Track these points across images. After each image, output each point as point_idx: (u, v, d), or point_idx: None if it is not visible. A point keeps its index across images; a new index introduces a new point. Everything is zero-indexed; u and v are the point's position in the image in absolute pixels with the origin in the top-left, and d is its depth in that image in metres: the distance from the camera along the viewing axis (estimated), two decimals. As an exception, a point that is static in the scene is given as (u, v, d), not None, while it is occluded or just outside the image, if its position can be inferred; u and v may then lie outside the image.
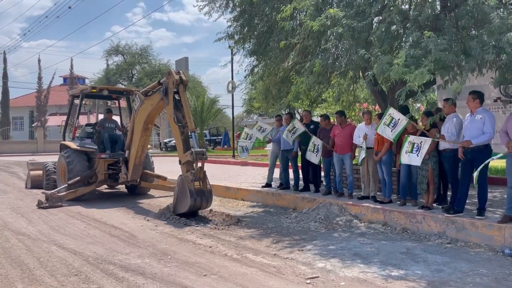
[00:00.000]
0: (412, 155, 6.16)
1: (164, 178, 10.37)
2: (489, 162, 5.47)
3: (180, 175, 7.35)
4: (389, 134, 6.59)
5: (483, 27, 5.09)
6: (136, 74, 38.64)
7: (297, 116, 23.55)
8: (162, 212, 7.53)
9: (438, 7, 6.49)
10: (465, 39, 5.29)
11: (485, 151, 5.66)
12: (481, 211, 5.70)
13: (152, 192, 10.53)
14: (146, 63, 38.18)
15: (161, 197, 9.93)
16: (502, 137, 5.50)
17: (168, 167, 15.49)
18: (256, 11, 8.47)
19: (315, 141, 8.11)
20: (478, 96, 5.80)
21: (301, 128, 8.40)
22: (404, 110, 6.92)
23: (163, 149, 31.97)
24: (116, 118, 11.27)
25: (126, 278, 4.37)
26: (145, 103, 8.37)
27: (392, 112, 6.35)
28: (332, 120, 9.56)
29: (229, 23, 9.32)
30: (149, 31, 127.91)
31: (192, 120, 7.55)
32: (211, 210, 7.79)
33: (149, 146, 10.95)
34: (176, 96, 7.59)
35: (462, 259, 4.86)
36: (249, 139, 9.65)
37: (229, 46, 10.83)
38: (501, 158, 5.60)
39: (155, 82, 8.23)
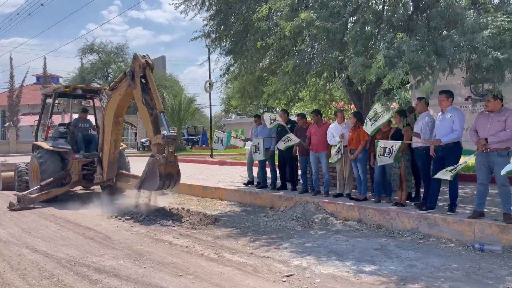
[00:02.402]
0: (384, 158, 6.39)
1: (141, 179, 10.22)
2: (465, 162, 5.62)
3: (152, 156, 7.49)
4: (369, 128, 6.64)
5: (455, 27, 5.22)
6: (111, 73, 38.07)
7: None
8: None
9: (411, 8, 6.62)
10: (437, 40, 5.41)
11: (456, 148, 5.82)
12: (452, 207, 5.86)
13: (128, 192, 10.36)
14: (122, 61, 37.68)
15: (138, 197, 9.77)
16: (472, 136, 5.66)
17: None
18: (232, 10, 8.45)
19: (291, 136, 8.14)
20: (448, 95, 5.96)
21: (280, 121, 8.45)
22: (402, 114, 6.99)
23: (140, 148, 31.56)
24: (91, 117, 11.06)
25: (100, 280, 4.30)
26: (113, 96, 8.35)
27: (377, 106, 6.41)
28: (309, 119, 9.64)
29: (205, 22, 9.26)
30: (125, 29, 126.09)
31: (160, 101, 7.63)
32: (188, 210, 7.76)
33: (125, 145, 10.82)
34: (143, 80, 7.70)
35: (434, 254, 4.98)
36: (220, 142, 9.67)
37: (206, 45, 10.78)
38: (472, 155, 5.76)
39: (121, 74, 8.24)
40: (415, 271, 4.38)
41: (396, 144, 6.24)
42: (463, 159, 5.91)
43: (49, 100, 10.54)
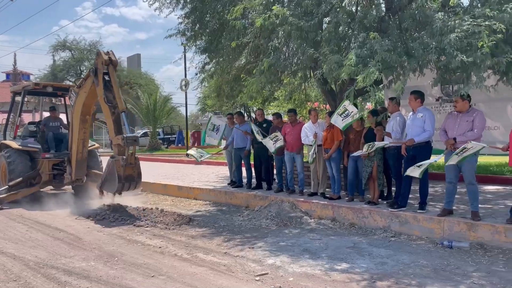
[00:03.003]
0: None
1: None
2: (435, 160, 5.74)
3: (112, 157, 7.37)
4: (340, 123, 6.69)
5: (425, 29, 5.34)
6: (84, 71, 37.25)
7: (252, 114, 23.64)
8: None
9: (384, 9, 6.73)
10: (408, 41, 5.52)
11: (426, 148, 5.95)
12: (422, 205, 6.00)
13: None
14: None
15: (110, 197, 9.60)
16: (441, 135, 5.80)
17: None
18: (207, 9, 8.38)
19: (279, 135, 8.11)
20: (419, 95, 6.10)
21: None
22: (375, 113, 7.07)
23: (114, 148, 30.97)
24: (63, 116, 10.79)
25: (69, 282, 4.20)
26: (80, 94, 8.20)
27: (347, 104, 6.47)
28: (285, 119, 9.68)
29: (180, 20, 9.17)
30: (99, 26, 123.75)
31: (122, 100, 7.45)
32: (162, 210, 7.67)
33: (97, 145, 10.62)
34: (106, 77, 7.55)
35: (405, 251, 5.08)
36: (216, 131, 9.42)
37: (182, 43, 10.67)
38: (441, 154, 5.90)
39: (88, 71, 8.10)
40: (385, 268, 4.46)
41: (379, 144, 6.30)
42: (433, 158, 6.05)
43: (18, 98, 10.23)
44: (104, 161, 10.36)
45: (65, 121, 10.46)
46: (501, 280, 4.04)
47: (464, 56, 4.54)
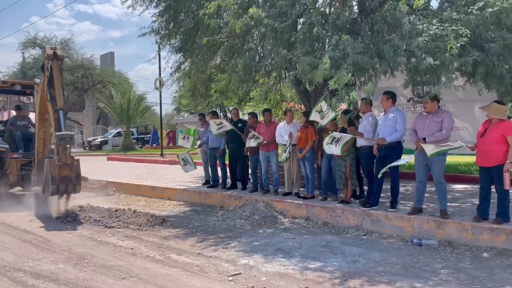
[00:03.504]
0: (332, 145, 6.39)
1: (85, 179, 9.82)
2: (407, 162, 5.86)
3: (49, 157, 7.11)
4: (317, 117, 6.74)
5: (395, 31, 5.45)
6: (56, 69, 36.33)
7: (228, 114, 23.53)
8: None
9: (357, 11, 6.83)
10: (379, 43, 5.61)
11: (397, 147, 6.07)
12: (393, 204, 6.12)
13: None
14: (67, 57, 35.94)
15: (81, 198, 9.38)
16: (412, 135, 5.93)
17: (92, 167, 14.77)
18: (181, 7, 8.31)
19: (256, 134, 8.12)
20: (391, 96, 6.22)
21: (228, 126, 8.34)
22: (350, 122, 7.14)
23: (87, 148, 30.41)
24: (33, 115, 10.49)
25: (37, 285, 4.08)
26: (39, 92, 7.97)
27: (323, 104, 6.52)
28: (260, 119, 9.70)
29: (154, 18, 9.05)
30: (72, 23, 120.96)
31: (61, 97, 7.16)
32: (135, 211, 7.55)
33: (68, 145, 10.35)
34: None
35: (376, 249, 5.16)
36: (187, 139, 9.18)
37: (156, 42, 10.54)
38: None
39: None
40: (357, 266, 4.53)
41: (346, 137, 6.36)
42: (404, 158, 6.17)
43: (-15, 96, 9.90)
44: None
45: (34, 120, 10.17)
46: (468, 277, 4.16)
47: (431, 59, 4.65)
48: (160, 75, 19.57)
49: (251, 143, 8.09)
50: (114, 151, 26.19)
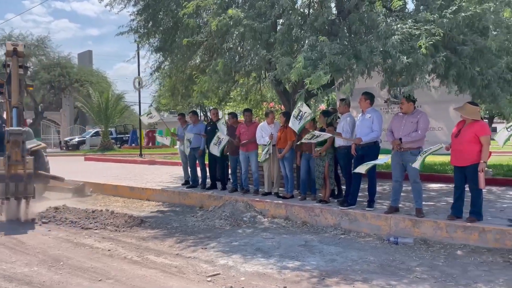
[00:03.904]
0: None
1: (61, 179, 9.66)
2: (384, 162, 5.95)
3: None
4: (296, 126, 6.79)
5: (372, 32, 5.53)
6: (31, 67, 35.53)
7: (208, 114, 23.40)
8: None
9: (335, 13, 6.89)
10: (356, 44, 5.69)
11: (374, 148, 6.17)
12: (370, 203, 6.21)
13: (47, 194, 9.73)
14: (44, 55, 35.23)
15: (57, 199, 9.20)
16: (388, 136, 6.04)
17: (69, 167, 14.52)
18: (160, 6, 8.23)
19: (220, 135, 8.14)
20: (369, 97, 6.31)
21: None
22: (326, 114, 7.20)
23: (64, 148, 29.82)
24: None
25: (10, 289, 3.99)
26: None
27: (301, 105, 6.56)
28: (241, 119, 9.69)
29: (133, 17, 8.93)
30: (49, 21, 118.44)
31: (16, 94, 7.02)
32: (112, 212, 7.45)
33: (44, 145, 10.14)
34: (21, 70, 7.29)
35: (353, 248, 5.23)
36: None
37: (135, 41, 10.41)
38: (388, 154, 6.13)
39: None
40: (335, 265, 4.58)
41: (325, 135, 6.42)
42: (381, 158, 6.28)
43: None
44: (52, 161, 9.96)
45: (8, 120, 9.90)
46: (442, 274, 4.25)
47: (405, 58, 4.74)
48: (139, 74, 19.35)
49: (214, 149, 8.11)
50: (92, 151, 25.78)
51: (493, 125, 43.31)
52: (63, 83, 34.08)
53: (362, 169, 5.70)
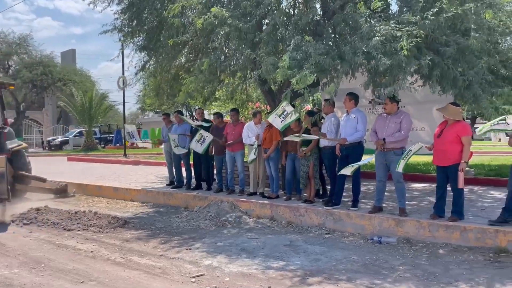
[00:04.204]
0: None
1: (43, 180, 9.49)
2: (368, 162, 6.00)
3: None
4: (278, 124, 6.79)
5: (356, 33, 5.57)
6: (13, 66, 34.90)
7: (193, 114, 23.35)
8: None
9: (320, 13, 6.93)
10: (341, 45, 5.72)
11: (358, 148, 6.22)
12: (355, 203, 6.26)
13: (28, 195, 9.55)
14: (26, 53, 34.63)
15: (39, 200, 9.04)
16: (372, 136, 6.09)
17: (51, 167, 14.31)
18: (145, 5, 8.16)
19: (203, 133, 8.09)
20: (353, 97, 6.36)
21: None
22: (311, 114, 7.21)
23: (46, 148, 29.34)
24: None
25: (-11, 293, 3.91)
26: None
27: (285, 104, 6.57)
28: (226, 119, 9.66)
29: (117, 16, 8.83)
30: (32, 18, 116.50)
31: None
32: (96, 213, 7.35)
33: (25, 145, 9.95)
34: None
35: (338, 247, 5.26)
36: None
37: (119, 39, 10.30)
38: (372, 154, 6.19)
39: None
40: (319, 265, 4.59)
41: (312, 137, 6.45)
42: (365, 158, 6.34)
43: None
44: (34, 161, 9.79)
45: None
46: (424, 273, 4.31)
47: (386, 59, 4.79)
48: (123, 73, 19.17)
49: (196, 147, 8.07)
50: (75, 151, 25.42)
51: (475, 126, 44.17)
52: (45, 82, 33.53)
53: (347, 171, 5.75)
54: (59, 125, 37.40)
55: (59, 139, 29.86)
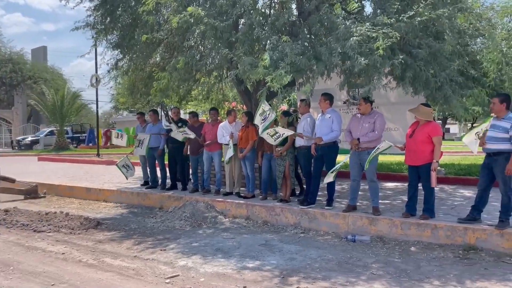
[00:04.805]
0: (271, 139, 6.46)
1: (12, 180, 9.23)
2: (343, 162, 6.07)
3: None
4: (259, 123, 6.78)
5: (331, 34, 5.63)
6: (-19, 63, 33.74)
7: (169, 113, 23.12)
8: None
9: (296, 14, 6.97)
10: (316, 45, 5.77)
11: (333, 147, 6.29)
12: (329, 202, 6.33)
13: (-3, 196, 9.27)
14: (-6, 50, 33.57)
15: (8, 201, 8.77)
16: (346, 136, 6.17)
17: (21, 167, 13.90)
18: (119, 2, 8.02)
19: (188, 130, 8.00)
20: (328, 97, 6.42)
21: (192, 135, 8.06)
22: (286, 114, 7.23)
23: (16, 147, 28.48)
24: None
25: (-47, 298, 3.75)
26: None
27: (265, 105, 6.56)
28: (202, 118, 9.59)
29: (89, 12, 8.64)
30: (1, 15, 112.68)
31: None
32: (67, 214, 7.18)
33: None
34: None
35: (313, 246, 5.30)
36: (141, 145, 8.60)
37: (92, 37, 10.08)
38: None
39: None
40: (294, 264, 4.62)
41: (287, 132, 6.43)
42: (340, 157, 6.42)
43: None
44: (2, 161, 9.49)
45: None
46: (397, 270, 4.39)
47: (362, 60, 4.87)
48: (96, 71, 18.78)
49: (177, 135, 8.01)
50: (46, 151, 24.76)
51: (447, 126, 45.44)
52: (15, 80, 32.55)
53: (330, 177, 5.82)
54: (30, 124, 36.33)
55: (29, 138, 29.03)
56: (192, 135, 7.93)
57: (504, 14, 8.66)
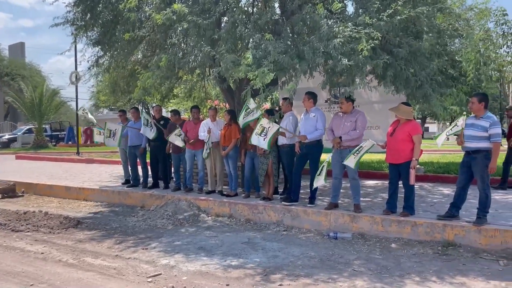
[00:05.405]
0: (260, 138, 6.43)
1: (-11, 179, 9.01)
2: (327, 161, 6.12)
3: None
4: (241, 120, 6.76)
5: (314, 34, 5.66)
6: (-45, 58, 32.80)
7: (151, 111, 22.91)
8: None
9: (279, 12, 6.98)
10: (299, 44, 5.80)
11: (317, 146, 6.33)
12: (312, 199, 6.37)
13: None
14: (-31, 46, 32.63)
15: (-16, 201, 8.58)
16: (329, 134, 6.22)
17: (-4, 166, 13.55)
18: (99, -2, 7.89)
19: (183, 133, 7.94)
20: (312, 96, 6.46)
21: (182, 135, 7.97)
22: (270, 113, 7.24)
23: (-6, 145, 27.77)
24: None
25: None
26: None
27: (250, 103, 6.54)
28: (184, 116, 9.53)
29: (69, 8, 8.47)
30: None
31: None
32: (46, 213, 7.04)
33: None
34: None
35: (295, 244, 5.33)
36: (112, 136, 8.53)
37: (72, 33, 9.89)
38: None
39: None
40: (277, 261, 4.64)
41: (272, 127, 6.38)
42: (323, 156, 6.47)
43: None
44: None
45: None
46: (378, 267, 4.46)
47: (346, 60, 4.91)
48: (76, 68, 18.45)
49: (176, 140, 7.92)
50: (24, 149, 24.23)
51: (426, 125, 46.24)
52: (-9, 76, 31.75)
53: (321, 180, 5.85)
54: (7, 121, 35.48)
55: (7, 136, 28.33)
56: (182, 135, 7.83)
57: (482, 15, 8.86)
